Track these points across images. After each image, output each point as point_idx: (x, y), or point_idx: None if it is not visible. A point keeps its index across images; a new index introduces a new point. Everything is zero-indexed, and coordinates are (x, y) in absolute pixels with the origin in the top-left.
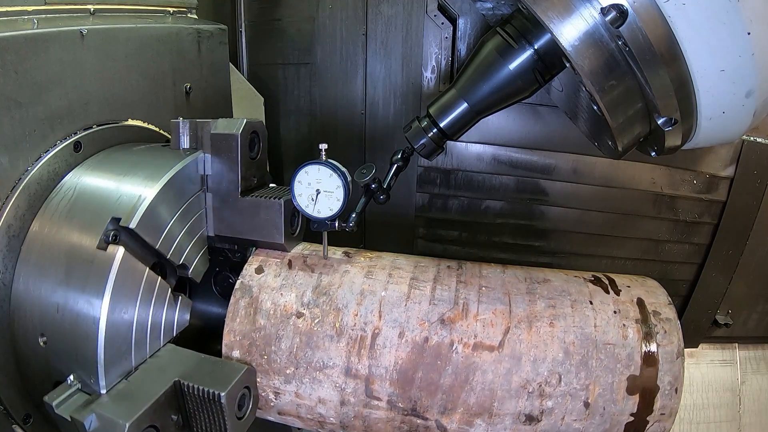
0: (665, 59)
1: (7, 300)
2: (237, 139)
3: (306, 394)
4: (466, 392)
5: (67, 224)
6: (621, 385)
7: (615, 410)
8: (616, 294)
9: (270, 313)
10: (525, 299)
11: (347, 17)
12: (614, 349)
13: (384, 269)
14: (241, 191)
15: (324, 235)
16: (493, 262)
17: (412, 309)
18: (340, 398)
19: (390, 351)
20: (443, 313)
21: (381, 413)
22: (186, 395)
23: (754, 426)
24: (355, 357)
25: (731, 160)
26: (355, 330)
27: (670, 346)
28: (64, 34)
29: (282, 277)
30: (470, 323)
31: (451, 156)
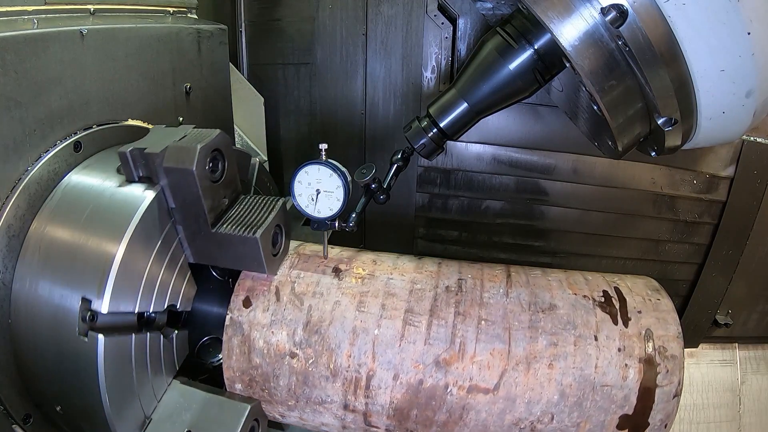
0: (665, 59)
1: (7, 300)
2: (193, 174)
3: (309, 419)
4: (459, 427)
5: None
6: (612, 422)
7: None
8: (624, 325)
9: (264, 352)
10: (526, 335)
11: (347, 17)
12: (611, 390)
13: (377, 297)
14: (211, 223)
15: (324, 235)
16: (493, 262)
17: (406, 350)
18: (341, 424)
19: (385, 392)
20: (438, 354)
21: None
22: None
23: (754, 426)
24: (351, 396)
25: (731, 160)
26: (349, 371)
27: (669, 386)
28: (64, 34)
29: (271, 312)
30: (466, 365)
31: (451, 156)
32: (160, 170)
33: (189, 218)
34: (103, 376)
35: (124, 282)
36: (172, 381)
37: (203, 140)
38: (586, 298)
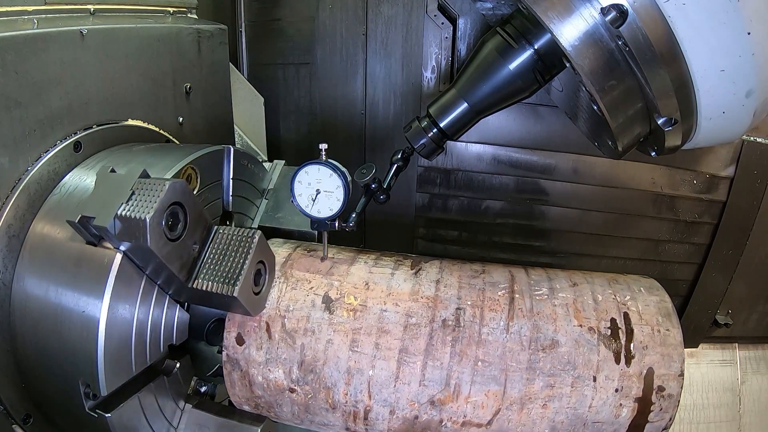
0: (665, 59)
1: (7, 300)
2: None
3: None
4: None
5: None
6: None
7: None
8: (627, 363)
9: (264, 386)
10: (523, 377)
11: (347, 17)
12: (602, 426)
13: (370, 335)
14: (184, 278)
15: (324, 235)
16: (493, 262)
17: (401, 390)
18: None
19: (383, 422)
20: (433, 395)
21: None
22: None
23: (754, 426)
24: (351, 422)
25: (731, 160)
26: (347, 406)
27: (659, 422)
28: (64, 34)
29: (265, 351)
30: (460, 405)
31: (451, 156)
32: (114, 239)
33: (160, 275)
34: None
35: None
36: (185, 406)
37: (152, 203)
38: (591, 331)
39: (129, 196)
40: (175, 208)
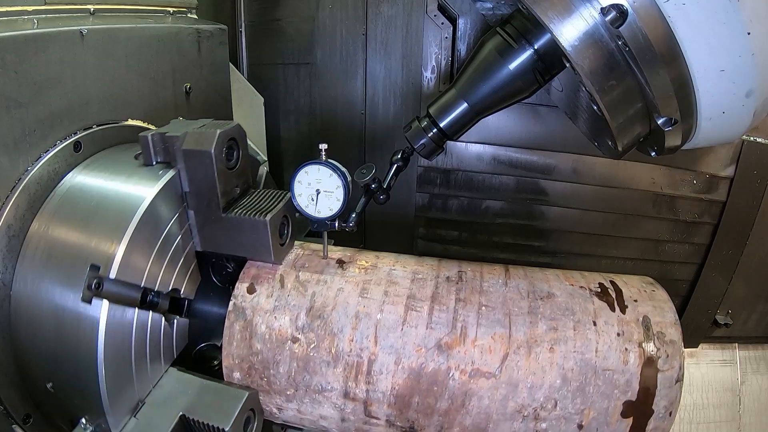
0: (665, 59)
1: (7, 300)
2: (211, 156)
3: (307, 411)
4: (462, 415)
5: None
6: (616, 409)
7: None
8: (622, 311)
9: (265, 338)
10: (526, 320)
11: (347, 17)
12: (613, 375)
13: (380, 285)
14: (222, 207)
15: (324, 235)
16: (493, 262)
17: (408, 334)
18: (340, 416)
19: (386, 377)
20: (440, 338)
21: (380, 429)
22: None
23: (754, 426)
24: (352, 382)
25: (731, 160)
26: (351, 356)
27: (670, 371)
28: (64, 34)
29: (275, 298)
30: (468, 349)
31: (451, 156)
32: (178, 154)
33: (202, 202)
34: (102, 348)
35: (134, 255)
36: (169, 368)
37: (222, 127)
38: (582, 288)
39: (200, 126)
40: (234, 145)
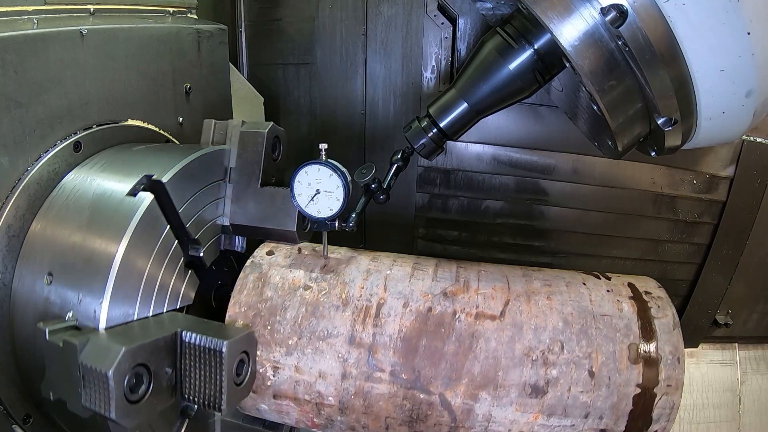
0: (665, 59)
1: (7, 300)
2: (263, 136)
3: (306, 367)
4: (470, 361)
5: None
6: (623, 353)
7: (620, 380)
8: (608, 279)
9: (278, 286)
10: (522, 280)
11: (347, 17)
12: (611, 319)
13: (389, 257)
14: (260, 183)
15: (324, 235)
16: (493, 262)
17: (415, 284)
18: (342, 370)
19: (394, 320)
20: (445, 287)
21: (383, 387)
22: (185, 348)
23: (754, 426)
24: (359, 325)
25: (731, 160)
26: (360, 300)
27: (665, 318)
28: (64, 34)
29: (292, 258)
30: (471, 296)
31: (451, 156)
32: (234, 134)
33: (244, 175)
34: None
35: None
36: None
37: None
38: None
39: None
40: (277, 143)
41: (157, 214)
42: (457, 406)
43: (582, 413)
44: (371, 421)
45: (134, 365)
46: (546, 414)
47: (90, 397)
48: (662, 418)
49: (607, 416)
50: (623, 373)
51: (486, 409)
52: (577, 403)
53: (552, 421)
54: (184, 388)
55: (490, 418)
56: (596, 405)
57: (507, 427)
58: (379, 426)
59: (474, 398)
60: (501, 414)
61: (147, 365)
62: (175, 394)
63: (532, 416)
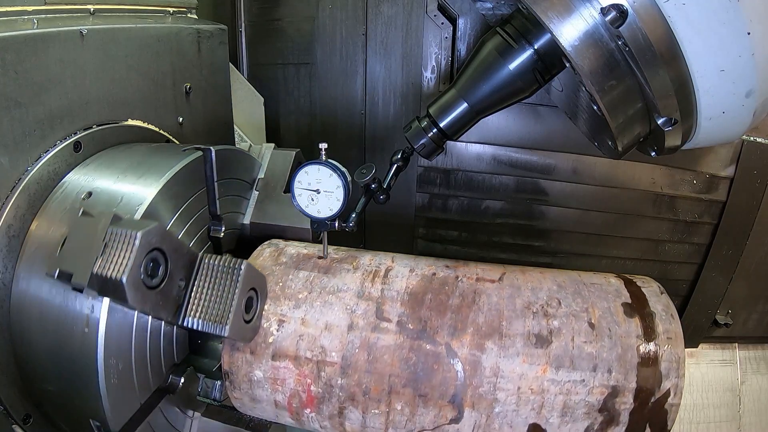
0: (665, 59)
1: (7, 300)
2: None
3: (313, 319)
4: (474, 312)
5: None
6: (618, 309)
7: (621, 331)
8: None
9: (293, 255)
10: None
11: (347, 17)
12: (602, 286)
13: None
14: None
15: (324, 235)
16: (493, 262)
17: (419, 260)
18: (349, 321)
19: (401, 279)
20: (447, 264)
21: (389, 338)
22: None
23: (754, 426)
24: (369, 283)
25: (731, 160)
26: (370, 266)
27: (651, 288)
28: (64, 34)
29: (304, 245)
30: (471, 268)
31: (451, 156)
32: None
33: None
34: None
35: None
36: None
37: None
38: None
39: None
40: (154, 254)
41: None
42: (463, 357)
43: (590, 365)
44: (374, 382)
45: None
46: (554, 366)
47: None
48: (671, 373)
49: (615, 370)
50: (622, 325)
51: (493, 360)
52: (583, 354)
53: (561, 375)
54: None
55: (498, 372)
56: (602, 356)
57: (516, 383)
58: (382, 389)
59: (480, 348)
60: (509, 366)
61: (166, 257)
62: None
63: (540, 369)
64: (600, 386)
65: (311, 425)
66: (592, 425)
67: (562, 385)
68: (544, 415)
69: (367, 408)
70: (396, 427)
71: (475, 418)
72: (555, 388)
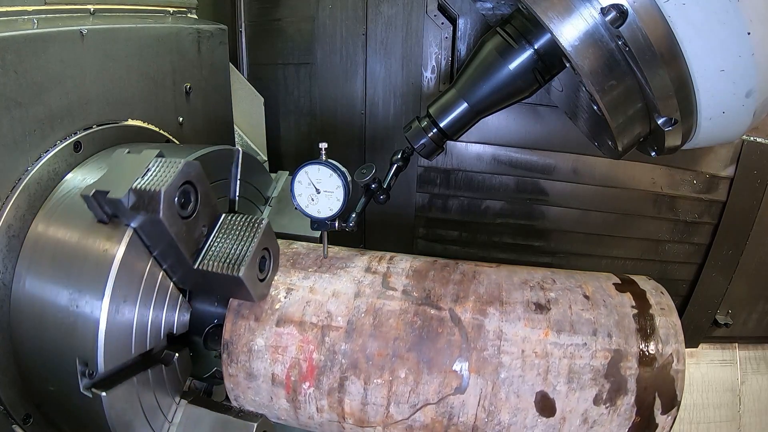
0: (665, 59)
1: (7, 300)
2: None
3: (321, 288)
4: (475, 284)
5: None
6: (609, 287)
7: (614, 302)
8: None
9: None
10: None
11: (347, 17)
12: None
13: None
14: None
15: (324, 235)
16: (493, 262)
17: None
18: (356, 290)
19: (405, 262)
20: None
21: (394, 304)
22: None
23: (754, 426)
24: (375, 262)
25: (731, 160)
26: (376, 254)
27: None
28: (64, 34)
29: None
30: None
31: (451, 156)
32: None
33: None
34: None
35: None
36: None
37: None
38: None
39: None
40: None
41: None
42: (467, 321)
43: (590, 330)
44: (378, 346)
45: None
46: (555, 330)
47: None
48: (670, 338)
49: (615, 334)
50: (615, 298)
51: (495, 324)
52: (582, 320)
53: (563, 338)
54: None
55: (501, 335)
56: (600, 321)
57: (520, 346)
58: (387, 354)
59: (483, 313)
60: (511, 330)
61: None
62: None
63: (542, 332)
64: (602, 350)
65: (308, 410)
66: (600, 393)
67: (565, 349)
68: (550, 381)
69: (370, 377)
70: (398, 401)
71: (480, 386)
72: (558, 351)
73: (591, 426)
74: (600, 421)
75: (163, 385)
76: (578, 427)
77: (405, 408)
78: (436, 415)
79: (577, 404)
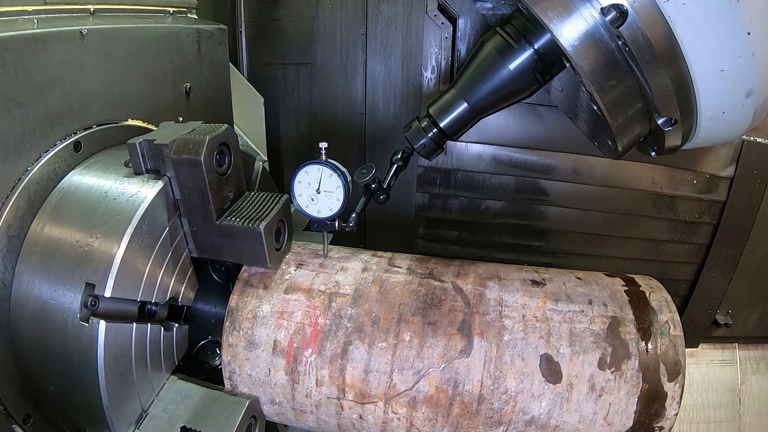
0: (665, 59)
1: (7, 300)
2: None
3: (330, 265)
4: (473, 267)
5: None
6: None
7: (606, 283)
8: None
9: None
10: None
11: (347, 17)
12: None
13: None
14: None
15: (324, 235)
16: (492, 262)
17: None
18: (363, 266)
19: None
20: None
21: (400, 277)
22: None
23: (754, 426)
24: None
25: (731, 160)
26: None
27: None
28: (64, 34)
29: None
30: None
31: (451, 156)
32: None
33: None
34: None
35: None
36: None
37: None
38: None
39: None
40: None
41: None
42: (468, 291)
43: (585, 300)
44: (383, 311)
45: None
46: (552, 300)
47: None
48: (663, 308)
49: (610, 304)
50: (605, 279)
51: (496, 294)
52: (576, 293)
53: (561, 306)
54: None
55: (502, 302)
56: (595, 294)
57: (520, 311)
58: (392, 318)
59: (483, 285)
60: (511, 298)
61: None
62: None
63: (540, 301)
64: (600, 316)
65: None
66: (604, 356)
67: (564, 314)
68: (553, 344)
69: (374, 341)
70: (402, 367)
71: (485, 349)
72: (558, 316)
73: (599, 395)
74: (608, 388)
75: (158, 352)
76: (586, 396)
77: (409, 375)
78: (440, 383)
79: (582, 368)
